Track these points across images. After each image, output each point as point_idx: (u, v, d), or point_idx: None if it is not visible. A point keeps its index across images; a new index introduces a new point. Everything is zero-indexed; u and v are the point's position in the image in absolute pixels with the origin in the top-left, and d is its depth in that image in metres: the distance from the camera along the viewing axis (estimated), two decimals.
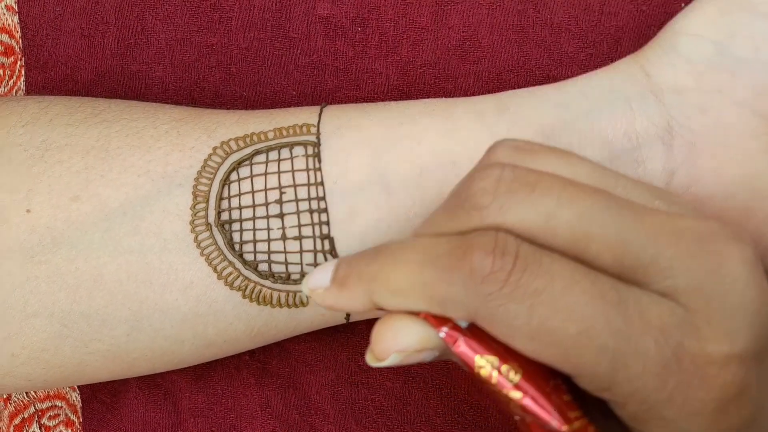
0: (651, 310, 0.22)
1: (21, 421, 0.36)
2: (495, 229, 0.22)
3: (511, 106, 0.29)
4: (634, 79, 0.29)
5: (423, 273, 0.23)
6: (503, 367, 0.22)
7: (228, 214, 0.29)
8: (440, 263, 0.22)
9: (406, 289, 0.23)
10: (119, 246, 0.29)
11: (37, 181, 0.29)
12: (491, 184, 0.23)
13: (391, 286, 0.23)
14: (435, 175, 0.29)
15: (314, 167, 0.29)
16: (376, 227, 0.29)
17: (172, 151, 0.30)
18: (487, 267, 0.21)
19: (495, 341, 0.22)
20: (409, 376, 0.35)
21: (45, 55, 0.36)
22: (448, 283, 0.22)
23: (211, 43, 0.35)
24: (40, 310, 0.29)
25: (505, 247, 0.22)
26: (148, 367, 0.31)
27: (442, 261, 0.22)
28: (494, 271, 0.21)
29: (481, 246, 0.22)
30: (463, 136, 0.29)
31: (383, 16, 0.34)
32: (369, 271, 0.24)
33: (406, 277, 0.23)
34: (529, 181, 0.23)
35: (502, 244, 0.22)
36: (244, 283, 0.29)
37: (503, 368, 0.22)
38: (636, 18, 0.33)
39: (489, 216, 0.22)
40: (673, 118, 0.28)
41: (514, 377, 0.22)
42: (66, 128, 0.30)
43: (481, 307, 0.22)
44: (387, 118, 0.30)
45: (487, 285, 0.22)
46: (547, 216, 0.22)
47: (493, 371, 0.22)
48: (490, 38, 0.33)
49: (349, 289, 0.24)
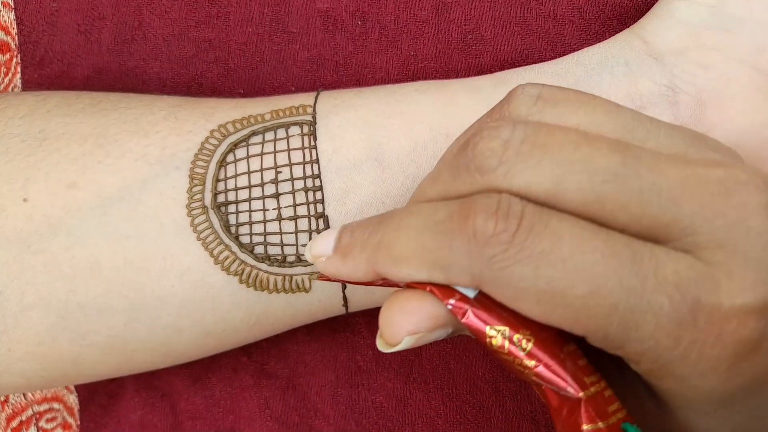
0: (667, 266, 0.21)
1: (18, 423, 0.36)
2: (499, 192, 0.22)
3: (508, 80, 0.30)
4: (631, 45, 0.29)
5: (425, 239, 0.22)
6: (515, 336, 0.22)
7: (224, 197, 0.29)
8: (442, 228, 0.22)
9: (409, 256, 0.22)
10: (116, 232, 0.28)
11: (34, 170, 0.29)
12: (500, 145, 0.22)
13: (393, 253, 0.22)
14: (429, 148, 0.29)
15: (309, 145, 0.29)
16: (370, 203, 0.29)
17: (170, 135, 0.29)
18: (490, 229, 0.21)
19: (505, 310, 0.22)
20: (410, 377, 0.34)
21: (41, 51, 0.36)
22: (450, 247, 0.21)
23: (209, 38, 0.35)
24: (36, 302, 0.28)
25: (509, 209, 0.21)
26: (146, 359, 0.31)
27: (444, 225, 0.22)
28: (497, 233, 0.21)
29: (483, 208, 0.21)
30: (459, 110, 0.29)
31: (383, 10, 0.34)
32: (372, 239, 0.23)
33: (407, 243, 0.22)
34: (539, 142, 0.21)
35: (505, 206, 0.21)
36: (240, 267, 0.28)
37: (515, 337, 0.22)
38: (640, 9, 0.32)
39: (494, 180, 0.22)
40: (676, 76, 0.28)
41: (527, 345, 0.22)
42: (63, 118, 0.30)
43: (486, 270, 0.21)
44: (382, 96, 0.30)
45: (490, 247, 0.21)
46: (557, 181, 0.21)
47: (504, 341, 0.22)
48: (493, 31, 0.33)
49: (352, 258, 0.24)
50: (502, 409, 0.34)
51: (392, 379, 0.34)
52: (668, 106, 0.28)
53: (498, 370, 0.34)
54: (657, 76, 0.28)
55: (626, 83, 0.28)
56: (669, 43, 0.29)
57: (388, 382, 0.34)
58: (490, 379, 0.34)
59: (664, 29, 0.29)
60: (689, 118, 0.28)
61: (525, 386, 0.33)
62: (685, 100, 0.28)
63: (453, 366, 0.34)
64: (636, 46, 0.29)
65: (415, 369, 0.34)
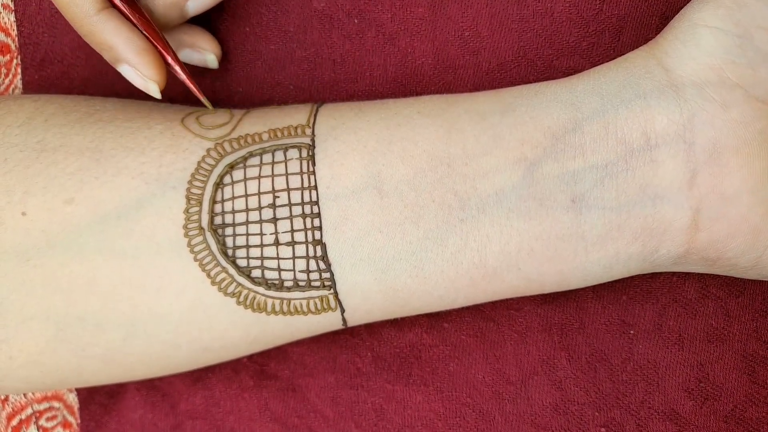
0: None
1: (18, 422, 0.36)
2: None
3: (517, 107, 0.28)
4: (652, 73, 0.28)
5: None
6: None
7: (221, 218, 0.28)
8: None
9: None
10: (113, 250, 0.28)
11: (32, 183, 0.29)
12: None
13: None
14: (429, 177, 0.28)
15: (308, 171, 0.29)
16: (367, 231, 0.28)
17: (166, 153, 0.29)
18: None
19: None
20: (409, 380, 0.34)
21: (41, 53, 0.36)
22: None
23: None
24: (36, 314, 0.28)
25: None
26: (146, 371, 0.31)
27: None
28: None
29: None
30: (461, 137, 0.28)
31: (380, 8, 0.33)
32: None
33: None
34: None
35: None
36: (237, 290, 0.28)
37: None
38: (638, 7, 0.31)
39: None
40: (695, 115, 0.27)
41: None
42: (61, 128, 0.30)
43: None
44: (383, 118, 0.29)
45: None
46: None
47: None
48: (490, 28, 0.32)
49: None
50: (502, 412, 0.33)
51: (392, 382, 0.34)
52: (684, 146, 0.27)
53: (498, 373, 0.33)
54: (675, 114, 0.27)
55: (642, 119, 0.27)
56: (691, 76, 0.27)
57: (387, 384, 0.34)
58: (489, 382, 0.33)
59: (687, 58, 0.27)
60: (705, 160, 0.27)
61: (525, 389, 0.33)
62: (703, 141, 0.27)
63: (453, 368, 0.34)
64: (656, 75, 0.28)
65: (414, 371, 0.34)
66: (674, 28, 0.28)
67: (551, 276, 0.28)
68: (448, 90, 0.33)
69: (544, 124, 0.27)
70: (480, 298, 0.29)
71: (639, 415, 0.32)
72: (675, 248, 0.27)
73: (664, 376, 0.32)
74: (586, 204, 0.27)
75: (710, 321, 0.32)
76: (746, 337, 0.31)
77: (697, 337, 0.32)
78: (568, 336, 0.33)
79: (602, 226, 0.27)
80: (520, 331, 0.33)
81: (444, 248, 0.28)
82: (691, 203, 0.27)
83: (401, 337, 0.34)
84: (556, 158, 0.27)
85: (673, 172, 0.27)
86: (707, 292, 0.32)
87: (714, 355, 0.31)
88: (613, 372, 0.32)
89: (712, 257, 0.27)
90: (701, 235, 0.27)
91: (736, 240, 0.27)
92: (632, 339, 0.32)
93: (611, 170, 0.27)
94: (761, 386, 0.31)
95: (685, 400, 0.32)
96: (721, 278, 0.32)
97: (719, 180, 0.27)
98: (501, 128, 0.28)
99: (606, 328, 0.32)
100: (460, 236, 0.27)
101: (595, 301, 0.33)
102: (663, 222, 0.27)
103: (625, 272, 0.28)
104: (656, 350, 0.32)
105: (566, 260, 0.28)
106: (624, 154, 0.27)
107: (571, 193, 0.27)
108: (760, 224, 0.27)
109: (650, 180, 0.27)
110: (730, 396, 0.31)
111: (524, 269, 0.28)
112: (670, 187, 0.27)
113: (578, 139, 0.27)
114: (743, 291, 0.32)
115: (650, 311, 0.32)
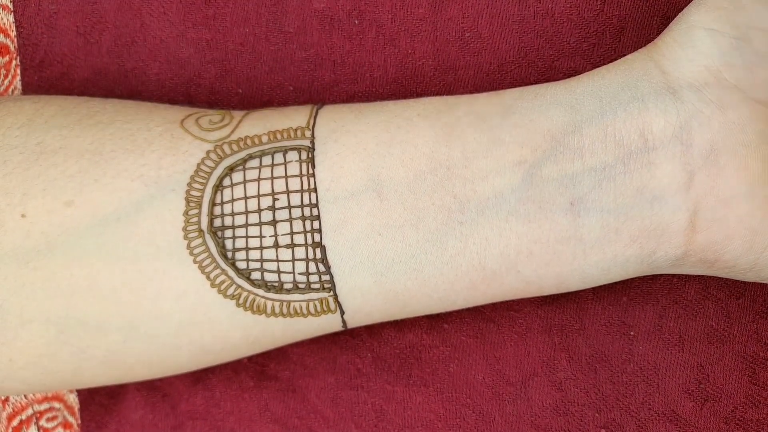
0: None
1: (19, 423, 0.36)
2: None
3: (517, 110, 0.28)
4: (649, 76, 0.28)
5: None
6: None
7: (221, 221, 0.28)
8: None
9: None
10: (113, 252, 0.28)
11: (32, 185, 0.29)
12: None
13: None
14: (428, 180, 0.28)
15: (308, 173, 0.28)
16: (367, 234, 0.28)
17: (166, 155, 0.29)
18: None
19: None
20: (409, 380, 0.34)
21: (40, 53, 0.36)
22: None
23: (207, 39, 0.35)
24: (36, 316, 0.28)
25: None
26: (146, 372, 0.31)
27: None
28: None
29: None
30: (462, 141, 0.28)
31: (380, 8, 0.33)
32: None
33: None
34: None
35: None
36: (237, 292, 0.28)
37: None
38: (639, 7, 0.31)
39: None
40: (692, 116, 0.27)
41: None
42: (61, 130, 0.30)
43: None
44: (383, 121, 0.29)
45: None
46: None
47: None
48: (490, 29, 0.32)
49: None
50: (502, 413, 0.33)
51: (392, 382, 0.34)
52: (681, 147, 0.27)
53: (498, 374, 0.33)
54: (672, 115, 0.27)
55: (640, 121, 0.27)
56: (688, 78, 0.27)
57: (387, 385, 0.34)
58: (489, 383, 0.33)
59: (684, 60, 0.27)
60: (703, 163, 0.27)
61: (525, 390, 0.33)
62: (700, 142, 0.27)
63: (453, 369, 0.34)
64: (654, 77, 0.28)
65: (415, 372, 0.34)
66: (672, 31, 0.28)
67: (550, 278, 0.28)
68: (449, 91, 0.33)
69: (543, 127, 0.27)
70: (479, 300, 0.29)
71: (639, 416, 0.32)
72: (673, 250, 0.27)
73: (664, 378, 0.32)
74: (585, 207, 0.27)
75: (711, 322, 0.32)
76: (747, 339, 0.31)
77: (698, 339, 0.32)
78: (568, 337, 0.33)
79: (600, 228, 0.27)
80: (520, 332, 0.33)
81: (443, 251, 0.28)
82: (688, 205, 0.27)
83: (401, 338, 0.34)
84: (555, 161, 0.27)
85: (670, 174, 0.27)
86: (708, 294, 0.32)
87: (714, 357, 0.31)
88: (613, 373, 0.32)
89: (710, 259, 0.27)
90: (699, 237, 0.27)
91: (734, 242, 0.27)
92: (632, 340, 0.32)
93: (609, 173, 0.27)
94: (762, 388, 0.31)
95: (685, 401, 0.32)
96: (722, 280, 0.32)
97: (716, 182, 0.27)
98: (501, 131, 0.28)
99: (606, 329, 0.32)
100: (459, 239, 0.27)
101: (595, 302, 0.32)
102: (660, 224, 0.27)
103: (624, 275, 0.28)
104: (656, 351, 0.32)
105: (565, 263, 0.28)
106: (622, 156, 0.27)
107: (569, 196, 0.27)
108: (758, 226, 0.27)
109: (648, 182, 0.27)
110: (731, 397, 0.31)
111: (523, 272, 0.28)
112: (667, 189, 0.27)
113: (577, 142, 0.27)
114: (744, 292, 0.32)
115: (650, 312, 0.32)
